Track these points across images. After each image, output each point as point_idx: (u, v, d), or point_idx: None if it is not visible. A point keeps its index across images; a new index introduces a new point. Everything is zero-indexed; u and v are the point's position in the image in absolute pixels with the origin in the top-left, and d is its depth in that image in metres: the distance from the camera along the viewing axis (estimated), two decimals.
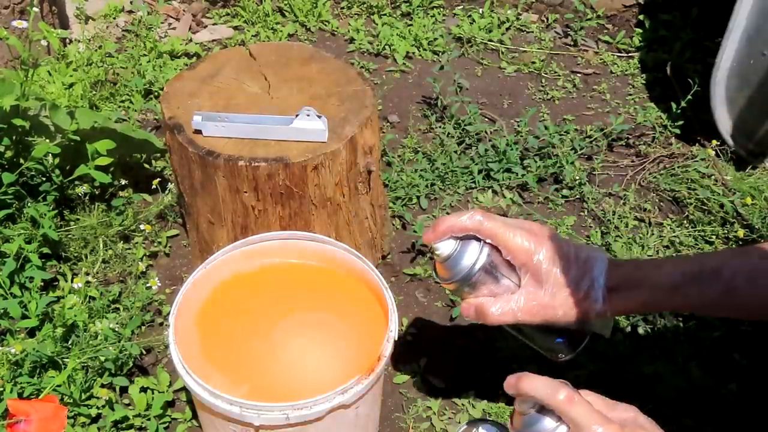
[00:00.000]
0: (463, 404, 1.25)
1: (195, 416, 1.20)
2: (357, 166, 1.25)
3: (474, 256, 0.91)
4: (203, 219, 1.30)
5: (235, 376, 0.99)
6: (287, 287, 1.11)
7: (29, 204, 1.40)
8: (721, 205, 1.56)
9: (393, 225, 1.57)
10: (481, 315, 0.93)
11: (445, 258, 0.92)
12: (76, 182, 1.47)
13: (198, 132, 1.20)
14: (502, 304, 0.91)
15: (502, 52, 2.12)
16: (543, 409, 0.77)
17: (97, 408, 1.18)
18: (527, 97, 1.97)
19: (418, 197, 1.63)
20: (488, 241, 0.91)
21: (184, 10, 2.28)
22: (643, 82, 2.02)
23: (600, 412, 0.75)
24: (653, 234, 1.54)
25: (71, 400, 1.15)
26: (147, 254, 1.47)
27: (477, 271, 0.91)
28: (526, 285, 0.91)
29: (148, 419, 1.18)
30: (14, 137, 1.40)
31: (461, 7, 2.28)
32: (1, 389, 1.14)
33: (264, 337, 1.04)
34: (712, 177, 1.65)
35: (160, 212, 1.53)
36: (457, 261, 0.92)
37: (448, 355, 1.34)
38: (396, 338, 1.01)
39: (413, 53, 2.10)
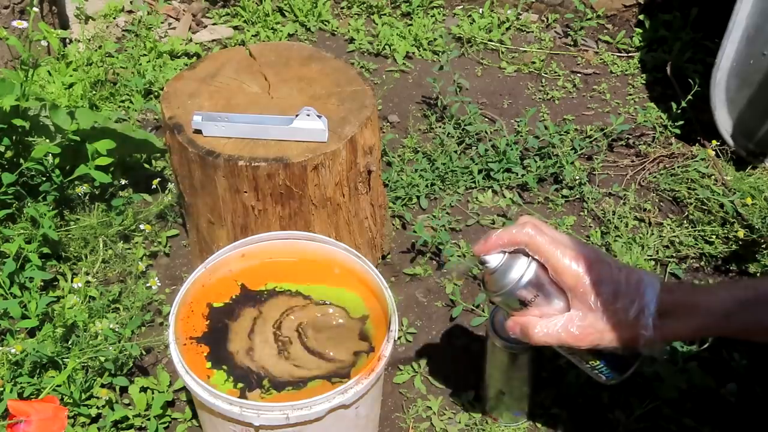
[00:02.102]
0: (463, 404, 1.25)
1: (195, 416, 1.20)
2: (357, 166, 1.25)
3: (521, 270, 0.89)
4: (203, 219, 1.30)
5: (236, 376, 0.99)
6: (287, 287, 1.11)
7: (29, 204, 1.40)
8: (721, 205, 1.56)
9: (393, 225, 1.57)
10: (525, 334, 0.90)
11: (492, 270, 0.90)
12: (76, 182, 1.47)
13: (198, 132, 1.20)
14: (548, 326, 0.88)
15: (502, 52, 2.12)
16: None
17: (97, 408, 1.18)
18: (527, 97, 1.97)
19: (418, 197, 1.63)
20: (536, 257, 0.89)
21: (184, 10, 2.28)
22: (643, 82, 2.02)
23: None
24: (653, 234, 1.54)
25: (71, 400, 1.15)
26: (147, 254, 1.47)
27: (522, 285, 0.89)
28: (573, 309, 0.88)
29: (148, 419, 1.18)
30: (14, 137, 1.40)
31: (461, 7, 2.28)
32: (1, 389, 1.14)
33: (264, 337, 1.04)
34: (712, 177, 1.65)
35: (160, 212, 1.53)
36: (503, 274, 0.89)
37: (448, 355, 1.34)
38: (396, 338, 1.01)
39: (413, 53, 2.10)
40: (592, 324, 0.87)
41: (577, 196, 1.65)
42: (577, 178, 1.65)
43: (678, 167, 1.70)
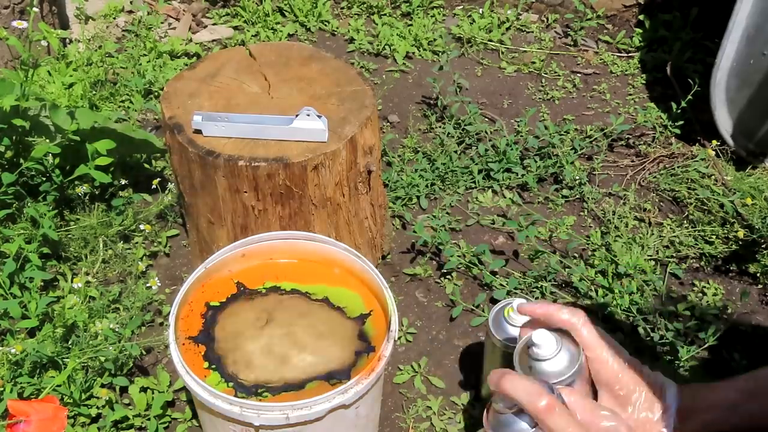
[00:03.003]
0: (463, 404, 1.25)
1: (195, 416, 1.20)
2: (357, 166, 1.25)
3: (577, 358, 0.85)
4: (203, 219, 1.30)
5: (227, 378, 0.99)
6: (287, 287, 1.11)
7: (29, 204, 1.40)
8: (721, 205, 1.56)
9: (393, 225, 1.57)
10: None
11: (545, 357, 0.85)
12: (76, 182, 1.47)
13: (198, 132, 1.20)
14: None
15: (502, 52, 2.12)
16: (521, 411, 0.75)
17: (97, 408, 1.18)
18: (527, 97, 1.97)
19: (418, 197, 1.63)
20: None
21: (184, 10, 2.28)
22: (643, 82, 2.02)
23: (579, 425, 0.73)
24: (653, 234, 1.54)
25: (71, 400, 1.15)
26: (147, 254, 1.47)
27: (572, 374, 0.85)
28: (601, 401, 0.88)
29: (148, 419, 1.18)
30: (14, 137, 1.40)
31: (461, 7, 2.28)
32: (1, 389, 1.14)
33: (264, 337, 1.04)
34: (712, 177, 1.65)
35: (160, 212, 1.53)
36: (560, 363, 0.85)
37: (448, 355, 1.34)
38: (396, 338, 1.01)
39: (413, 53, 2.10)
40: (621, 422, 0.86)
41: (577, 196, 1.65)
42: (577, 178, 1.65)
43: (678, 167, 1.70)
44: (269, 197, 1.20)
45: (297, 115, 1.18)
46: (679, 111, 1.76)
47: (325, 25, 2.20)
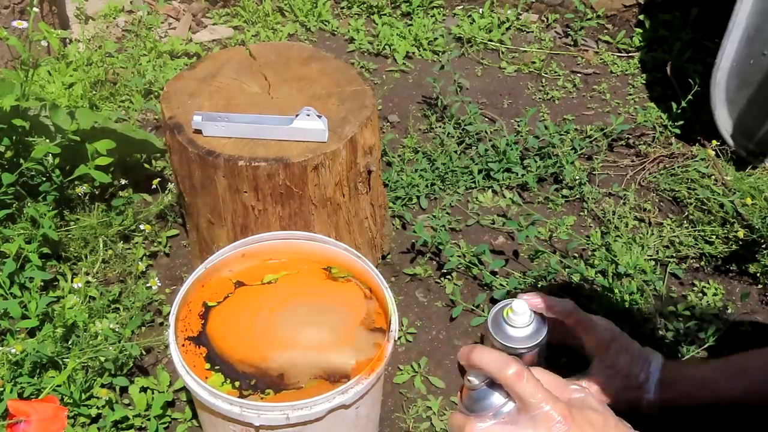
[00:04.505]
0: None
1: (195, 416, 1.20)
2: (357, 166, 1.25)
3: (540, 335, 1.04)
4: (203, 219, 1.30)
5: (232, 378, 0.99)
6: (287, 287, 1.11)
7: (29, 204, 1.40)
8: (721, 205, 1.56)
9: (393, 225, 1.57)
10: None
11: (517, 324, 1.04)
12: (76, 182, 1.47)
13: (198, 132, 1.20)
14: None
15: (502, 52, 2.12)
16: (492, 385, 0.78)
17: (97, 408, 1.18)
18: (527, 97, 1.97)
19: (418, 197, 1.63)
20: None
21: (184, 10, 2.28)
22: (643, 82, 2.02)
23: (549, 391, 0.75)
24: (653, 234, 1.54)
25: (71, 400, 1.15)
26: (147, 254, 1.47)
27: (534, 348, 1.04)
28: (595, 374, 1.05)
29: (148, 419, 1.18)
30: (14, 137, 1.40)
31: (461, 7, 2.28)
32: (1, 389, 1.14)
33: (263, 337, 1.04)
34: (712, 177, 1.65)
35: (160, 212, 1.53)
36: (526, 332, 1.04)
37: (448, 355, 1.34)
38: (396, 338, 1.01)
39: (413, 53, 2.10)
40: (609, 386, 1.03)
41: (577, 196, 1.65)
42: (577, 178, 1.65)
43: (678, 167, 1.70)
44: (269, 197, 1.20)
45: (297, 115, 1.18)
46: (679, 111, 1.76)
47: (325, 25, 2.20)
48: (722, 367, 1.05)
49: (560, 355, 1.18)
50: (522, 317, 1.04)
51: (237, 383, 0.98)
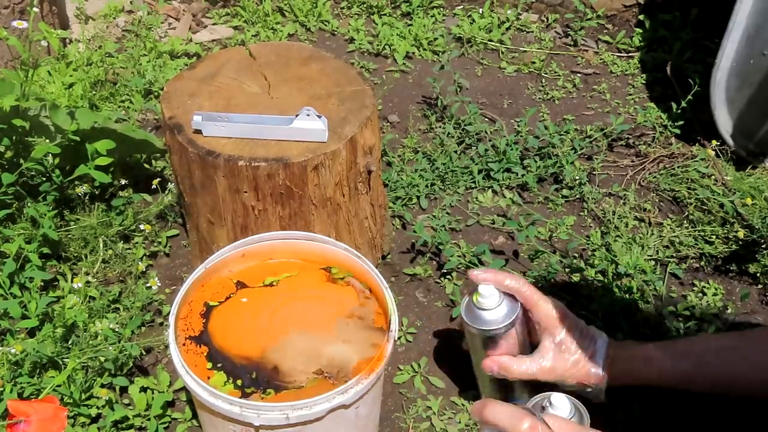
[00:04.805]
0: (463, 404, 1.25)
1: (195, 416, 1.20)
2: (357, 166, 1.25)
3: (512, 313, 1.06)
4: (203, 219, 1.30)
5: (234, 376, 0.99)
6: (287, 287, 1.11)
7: (29, 204, 1.40)
8: (721, 205, 1.56)
9: (393, 225, 1.57)
10: (504, 370, 1.09)
11: (486, 308, 1.05)
12: (76, 182, 1.47)
13: (198, 132, 1.20)
14: (526, 365, 1.08)
15: (502, 52, 2.12)
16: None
17: (97, 408, 1.18)
18: (527, 97, 1.97)
19: (418, 197, 1.63)
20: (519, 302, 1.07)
21: (184, 10, 2.28)
22: (643, 82, 2.02)
23: None
24: (653, 234, 1.54)
25: (71, 400, 1.15)
26: (147, 254, 1.47)
27: (507, 325, 1.06)
28: (544, 348, 1.09)
29: (148, 419, 1.18)
30: (14, 137, 1.40)
31: (461, 7, 2.28)
32: (1, 389, 1.14)
33: (263, 337, 1.04)
34: (712, 177, 1.65)
35: (160, 212, 1.53)
36: (496, 313, 1.06)
37: (448, 355, 1.33)
38: (396, 338, 1.01)
39: (413, 53, 2.10)
40: (560, 363, 1.08)
41: (577, 196, 1.65)
42: (577, 178, 1.65)
43: (678, 167, 1.70)
44: (269, 197, 1.20)
45: (297, 115, 1.18)
46: (679, 111, 1.76)
47: (325, 25, 2.20)
48: (668, 347, 1.10)
49: None
50: (490, 299, 1.05)
51: (239, 381, 0.98)
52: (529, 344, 1.13)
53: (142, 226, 1.46)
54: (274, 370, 1.00)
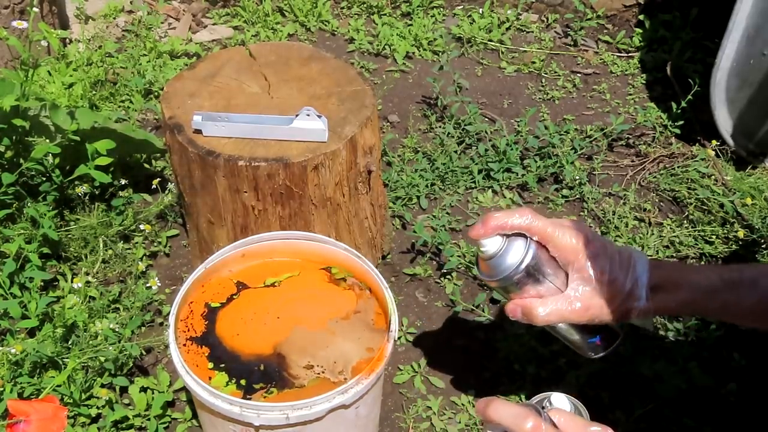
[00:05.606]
0: (463, 404, 1.25)
1: (195, 416, 1.20)
2: (357, 166, 1.25)
3: (520, 254, 0.88)
4: (203, 219, 1.30)
5: (237, 376, 0.99)
6: (287, 287, 1.11)
7: (29, 204, 1.40)
8: (721, 205, 1.56)
9: (393, 225, 1.57)
10: (528, 316, 0.91)
11: (491, 256, 0.89)
12: (76, 182, 1.47)
13: (198, 132, 1.20)
14: (551, 305, 0.89)
15: (502, 52, 2.12)
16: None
17: (97, 408, 1.18)
18: (527, 97, 1.97)
19: (418, 197, 1.63)
20: (535, 239, 0.89)
21: (184, 10, 2.28)
22: (643, 82, 2.02)
23: None
24: (653, 234, 1.54)
25: (71, 400, 1.15)
26: (147, 254, 1.47)
27: (522, 269, 0.88)
28: (572, 284, 0.90)
29: (148, 419, 1.18)
30: (14, 137, 1.40)
31: (461, 7, 2.28)
32: (1, 389, 1.14)
33: (263, 337, 1.04)
34: (712, 177, 1.65)
35: (160, 212, 1.53)
36: (503, 259, 0.89)
37: (448, 355, 1.34)
38: (396, 338, 1.01)
39: (413, 53, 2.10)
40: (592, 297, 0.89)
41: (577, 196, 1.65)
42: (577, 178, 1.65)
43: (678, 167, 1.70)
44: (269, 197, 1.20)
45: (297, 115, 1.18)
46: (679, 111, 1.76)
47: (325, 25, 2.20)
48: (735, 280, 0.91)
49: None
50: (492, 245, 0.89)
51: (243, 381, 0.98)
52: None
53: (142, 226, 1.46)
54: (281, 364, 1.00)
